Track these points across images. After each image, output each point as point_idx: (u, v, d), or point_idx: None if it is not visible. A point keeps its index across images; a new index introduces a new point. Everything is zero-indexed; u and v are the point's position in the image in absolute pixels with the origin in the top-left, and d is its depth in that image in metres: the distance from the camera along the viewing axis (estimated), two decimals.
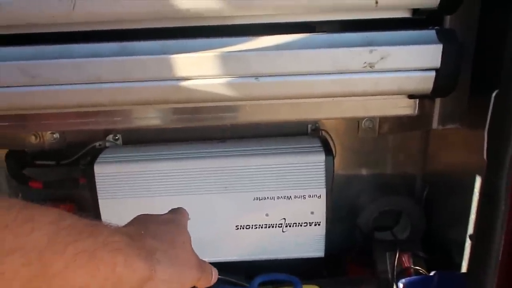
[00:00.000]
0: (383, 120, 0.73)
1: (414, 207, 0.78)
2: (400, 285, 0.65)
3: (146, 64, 0.49)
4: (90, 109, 0.57)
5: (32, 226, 0.25)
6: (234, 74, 0.49)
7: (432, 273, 0.65)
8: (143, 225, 0.35)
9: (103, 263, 0.27)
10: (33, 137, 0.74)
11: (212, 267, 0.41)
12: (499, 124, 0.43)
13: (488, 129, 0.47)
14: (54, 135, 0.75)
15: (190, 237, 0.39)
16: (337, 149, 0.76)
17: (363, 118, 0.71)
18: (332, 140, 0.76)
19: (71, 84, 0.50)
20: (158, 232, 0.35)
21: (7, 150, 0.76)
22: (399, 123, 0.70)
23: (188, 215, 0.45)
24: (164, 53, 0.49)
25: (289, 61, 0.48)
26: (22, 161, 0.77)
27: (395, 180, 0.83)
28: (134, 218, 0.38)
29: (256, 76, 0.49)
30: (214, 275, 0.41)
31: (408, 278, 0.66)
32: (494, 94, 0.44)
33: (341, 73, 0.49)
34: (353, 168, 0.82)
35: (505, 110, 0.42)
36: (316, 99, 0.53)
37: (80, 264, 0.26)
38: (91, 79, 0.49)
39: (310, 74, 0.49)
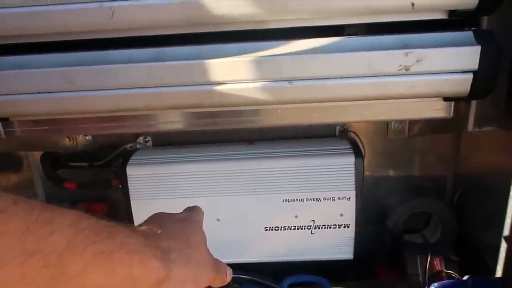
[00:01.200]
0: (413, 122, 0.72)
1: (445, 209, 0.76)
2: None
3: (181, 70, 0.50)
4: (125, 114, 0.58)
5: (51, 228, 0.25)
6: (268, 78, 0.49)
7: (465, 277, 0.64)
8: (159, 224, 0.36)
9: (120, 264, 0.27)
10: (66, 140, 0.76)
11: (227, 266, 0.41)
12: None
13: None
14: (87, 138, 0.77)
15: (205, 236, 0.39)
16: (366, 150, 0.75)
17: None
18: (361, 141, 0.75)
19: (108, 89, 0.51)
20: (173, 231, 0.36)
21: (42, 152, 0.79)
22: (430, 125, 0.69)
23: (203, 213, 0.45)
24: (199, 58, 0.50)
25: (323, 65, 0.48)
26: (56, 162, 0.79)
27: (425, 182, 0.82)
28: (151, 216, 0.39)
29: (290, 80, 0.49)
30: (229, 274, 0.41)
31: (441, 282, 0.65)
32: None
33: (376, 76, 0.48)
34: (382, 170, 0.82)
35: None
36: (348, 102, 0.53)
37: (98, 265, 0.26)
38: (128, 84, 0.51)
39: (344, 77, 0.49)
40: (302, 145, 0.73)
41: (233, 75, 0.49)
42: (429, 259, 0.69)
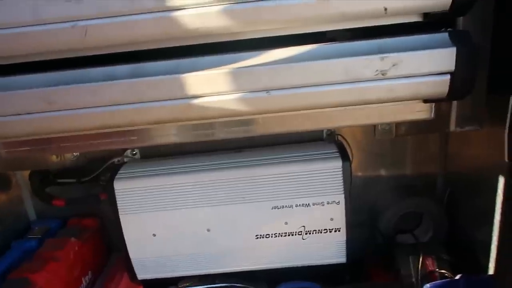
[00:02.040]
0: (400, 122, 0.72)
1: (435, 208, 0.76)
2: None
3: (159, 84, 0.50)
4: (107, 131, 0.58)
5: None
6: (245, 89, 0.49)
7: (457, 277, 0.64)
8: None
9: None
10: (54, 157, 0.76)
11: None
12: None
13: (508, 130, 0.45)
14: (74, 153, 0.77)
15: None
16: (354, 152, 0.75)
17: None
18: (348, 144, 0.75)
19: (87, 108, 0.51)
20: None
21: (30, 170, 0.79)
22: (416, 124, 0.68)
23: None
24: (176, 72, 0.49)
25: (299, 74, 0.48)
26: (45, 180, 0.79)
27: (415, 181, 0.82)
28: None
29: (267, 90, 0.49)
30: None
31: (434, 282, 0.65)
32: None
33: (353, 82, 0.48)
34: (372, 171, 0.81)
35: None
36: (329, 108, 0.53)
37: None
38: (107, 102, 0.50)
39: (321, 85, 0.48)
40: (289, 151, 0.72)
41: (211, 87, 0.49)
42: (421, 260, 0.68)
